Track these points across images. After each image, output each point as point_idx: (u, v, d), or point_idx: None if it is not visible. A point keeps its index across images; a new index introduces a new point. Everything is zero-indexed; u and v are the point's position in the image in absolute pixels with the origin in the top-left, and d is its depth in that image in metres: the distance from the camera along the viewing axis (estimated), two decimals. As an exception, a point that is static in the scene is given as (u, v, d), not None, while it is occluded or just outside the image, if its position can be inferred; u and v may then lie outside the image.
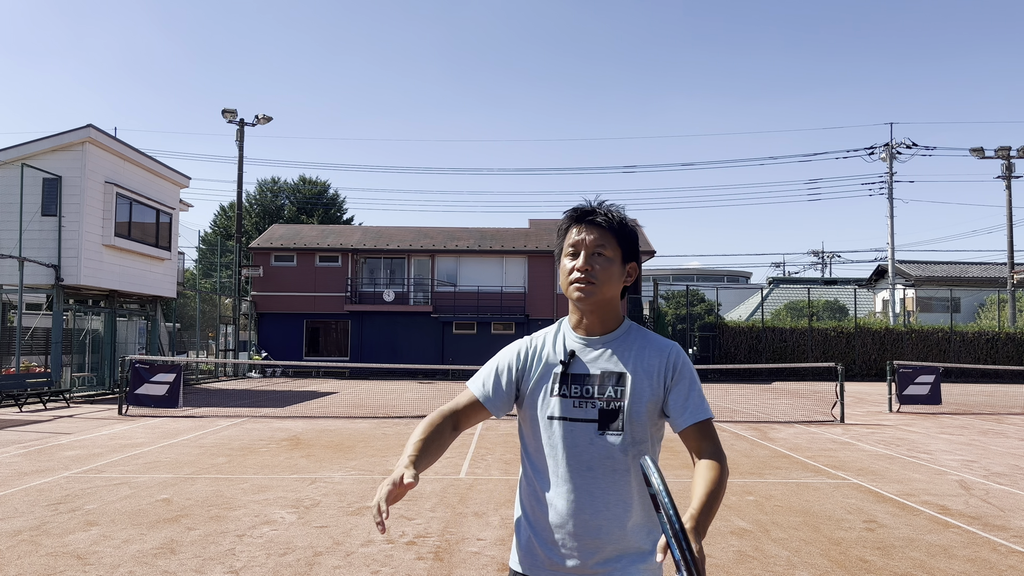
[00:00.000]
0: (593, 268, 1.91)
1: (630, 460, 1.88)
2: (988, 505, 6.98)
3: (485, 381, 2.02)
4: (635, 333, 2.00)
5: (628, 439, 1.88)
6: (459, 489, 7.52)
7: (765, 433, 12.35)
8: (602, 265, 1.92)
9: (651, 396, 1.91)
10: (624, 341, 1.97)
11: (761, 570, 4.95)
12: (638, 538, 1.90)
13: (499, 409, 2.00)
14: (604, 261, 1.93)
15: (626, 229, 1.98)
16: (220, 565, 4.93)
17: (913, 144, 36.57)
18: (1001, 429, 13.34)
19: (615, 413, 1.88)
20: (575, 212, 1.99)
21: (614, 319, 1.99)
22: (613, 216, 1.97)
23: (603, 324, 1.97)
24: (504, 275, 32.71)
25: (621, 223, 1.97)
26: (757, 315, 34.91)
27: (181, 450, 9.93)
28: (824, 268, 64.71)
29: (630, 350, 1.95)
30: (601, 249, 1.93)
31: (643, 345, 1.97)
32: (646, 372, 1.92)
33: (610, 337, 1.97)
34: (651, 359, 1.94)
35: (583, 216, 1.97)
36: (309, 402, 17.83)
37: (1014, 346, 31.82)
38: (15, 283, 17.47)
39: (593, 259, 1.92)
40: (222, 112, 30.89)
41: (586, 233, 1.94)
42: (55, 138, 18.19)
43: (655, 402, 1.92)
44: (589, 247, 1.93)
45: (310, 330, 32.84)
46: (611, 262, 1.94)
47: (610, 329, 1.98)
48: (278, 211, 53.06)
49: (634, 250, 2.00)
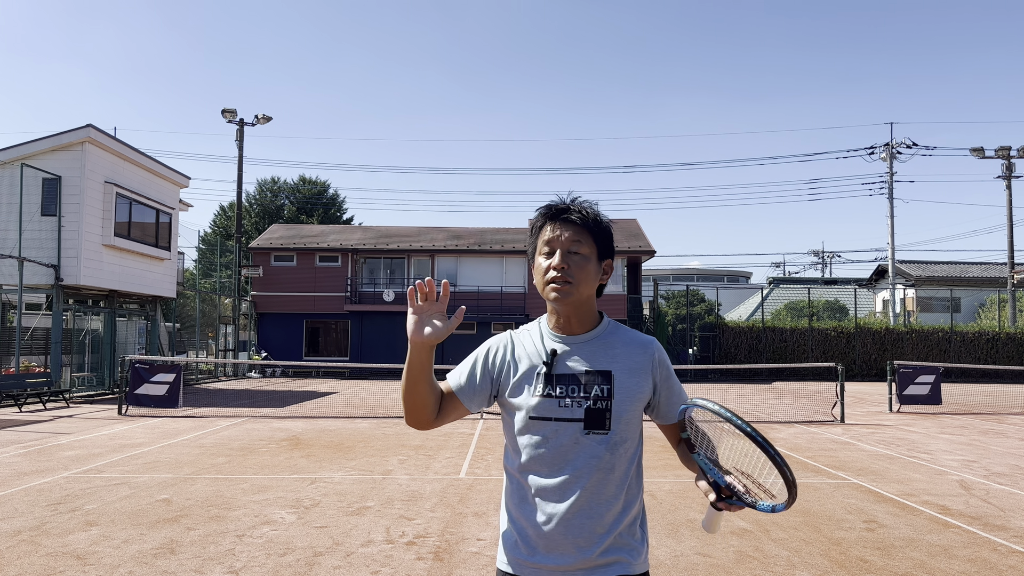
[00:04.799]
0: (569, 267, 1.89)
1: (616, 459, 1.88)
2: (988, 505, 6.98)
3: (461, 374, 1.99)
4: (614, 330, 1.99)
5: (614, 438, 1.87)
6: (459, 489, 7.52)
7: (765, 433, 12.34)
8: (578, 263, 1.90)
9: (639, 393, 1.91)
10: (606, 339, 1.96)
11: (761, 570, 4.94)
12: (625, 536, 1.90)
13: (473, 402, 1.97)
14: (580, 259, 1.91)
15: (601, 226, 1.95)
16: (220, 565, 4.92)
17: (913, 144, 36.59)
18: (1001, 429, 13.34)
19: (602, 412, 1.87)
20: (548, 209, 1.96)
21: (592, 317, 1.97)
22: (587, 213, 1.94)
23: (581, 323, 1.95)
24: (504, 275, 32.71)
25: (596, 220, 1.95)
26: (757, 315, 34.91)
27: (181, 450, 9.93)
28: (824, 268, 64.76)
29: (613, 348, 1.94)
30: (576, 247, 1.91)
31: (626, 343, 1.96)
32: (631, 370, 1.92)
33: (591, 335, 1.95)
34: (636, 356, 1.94)
35: (557, 213, 1.94)
36: (309, 402, 17.82)
37: (1014, 346, 31.81)
38: (15, 283, 17.47)
39: (568, 257, 1.90)
40: (222, 112, 30.89)
41: (561, 231, 1.92)
42: (55, 138, 18.19)
43: (642, 399, 1.92)
44: (564, 245, 1.90)
45: (310, 330, 32.84)
46: (587, 260, 1.91)
47: (589, 328, 1.96)
48: (278, 211, 53.06)
49: (609, 247, 1.98)
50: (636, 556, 1.90)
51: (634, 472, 1.94)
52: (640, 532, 1.95)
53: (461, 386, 1.97)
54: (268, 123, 31.63)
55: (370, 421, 13.69)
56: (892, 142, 36.70)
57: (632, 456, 1.92)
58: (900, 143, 36.68)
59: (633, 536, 1.92)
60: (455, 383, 1.98)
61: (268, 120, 31.55)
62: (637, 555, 1.91)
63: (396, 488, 7.55)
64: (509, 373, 1.96)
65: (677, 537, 5.73)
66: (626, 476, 1.90)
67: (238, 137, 31.26)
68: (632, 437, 1.91)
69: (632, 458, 1.92)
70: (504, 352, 1.99)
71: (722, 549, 5.42)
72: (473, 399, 1.97)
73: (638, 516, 1.95)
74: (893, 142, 36.70)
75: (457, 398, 1.97)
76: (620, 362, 1.92)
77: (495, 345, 2.01)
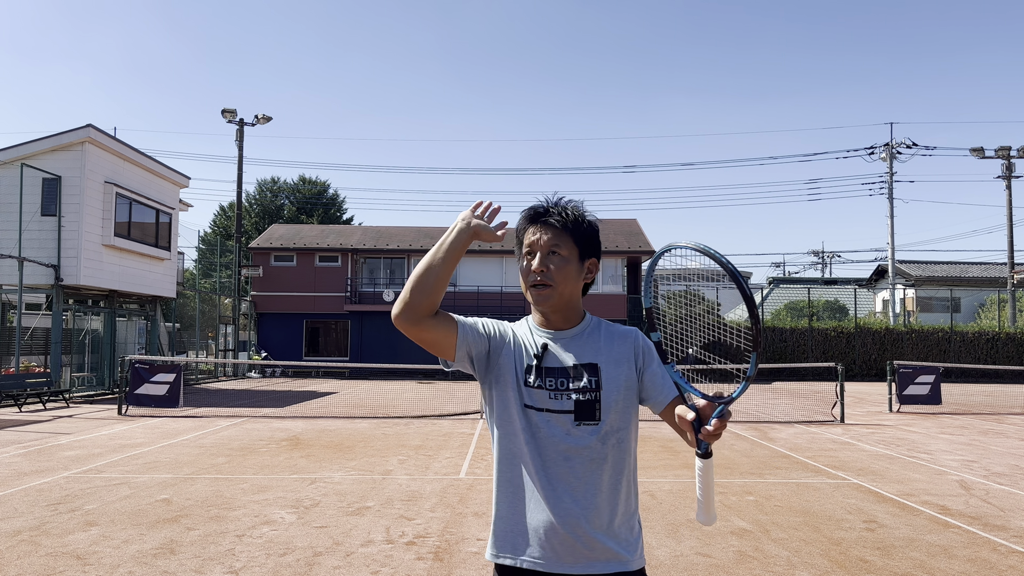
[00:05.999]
0: (548, 269, 1.92)
1: (608, 449, 1.90)
2: (988, 505, 6.98)
3: (467, 317, 2.01)
4: (597, 326, 2.03)
5: (604, 428, 1.90)
6: (459, 489, 7.52)
7: (765, 433, 12.35)
8: (557, 265, 1.93)
9: (625, 382, 1.94)
10: (591, 334, 2.00)
11: (761, 570, 4.94)
12: (620, 529, 1.90)
13: (464, 343, 1.94)
14: (560, 260, 1.94)
15: (581, 227, 1.98)
16: (220, 565, 4.93)
17: (913, 144, 36.60)
18: (1001, 429, 13.34)
19: (591, 404, 1.90)
20: (530, 212, 2.00)
21: (576, 315, 2.01)
22: (567, 215, 1.97)
23: (567, 320, 2.00)
24: (504, 275, 32.73)
25: (575, 221, 1.97)
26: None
27: (181, 450, 9.93)
28: (824, 268, 64.72)
29: (598, 341, 1.98)
30: (556, 248, 1.94)
31: (609, 335, 2.00)
32: (616, 360, 1.95)
33: (577, 330, 2.00)
34: (619, 347, 1.98)
35: (537, 216, 1.98)
36: (309, 402, 17.82)
37: (1014, 346, 31.81)
38: (15, 283, 17.47)
39: (548, 259, 1.93)
40: (222, 112, 30.90)
41: (541, 233, 1.96)
42: (55, 138, 18.19)
43: (630, 387, 1.95)
44: (544, 247, 1.94)
45: (310, 330, 32.84)
46: (567, 261, 1.95)
47: (574, 324, 2.00)
48: (278, 211, 53.08)
49: (592, 246, 2.00)
50: (632, 551, 1.91)
51: (628, 465, 1.94)
52: (636, 526, 1.95)
53: (464, 322, 1.98)
54: (268, 123, 31.65)
55: (370, 421, 13.69)
56: (892, 142, 36.72)
57: (624, 447, 1.93)
58: (900, 143, 36.69)
59: (629, 530, 1.92)
60: (459, 317, 1.99)
61: (268, 120, 31.56)
62: (633, 550, 1.91)
63: (396, 488, 7.55)
64: (509, 350, 1.98)
65: (677, 537, 5.73)
66: (619, 467, 1.91)
67: (238, 137, 31.27)
68: (623, 428, 1.93)
69: (625, 449, 1.93)
70: (507, 329, 2.04)
71: (722, 549, 5.42)
72: (466, 341, 1.95)
73: (633, 508, 1.95)
74: (893, 142, 36.72)
75: (455, 325, 1.94)
76: (605, 354, 1.96)
77: (504, 324, 2.06)
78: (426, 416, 14.54)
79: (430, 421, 13.75)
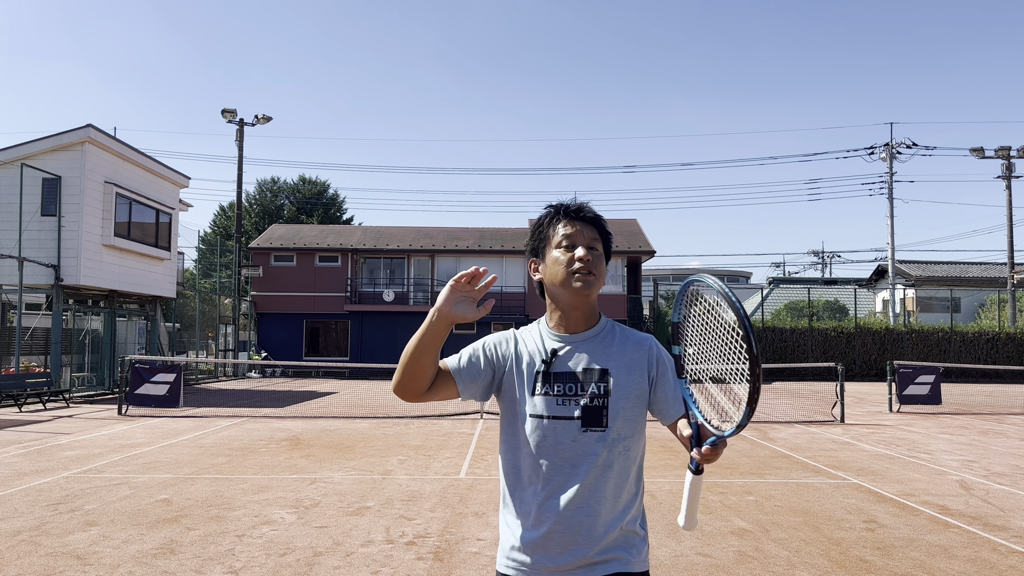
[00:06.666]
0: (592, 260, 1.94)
1: (614, 457, 1.88)
2: (988, 505, 6.98)
3: (462, 358, 1.99)
4: (612, 329, 2.02)
5: (612, 435, 1.88)
6: (459, 489, 7.52)
7: (765, 433, 12.35)
8: (595, 259, 1.95)
9: (636, 390, 1.93)
10: (604, 338, 1.98)
11: (761, 570, 4.94)
12: (625, 534, 1.90)
13: (467, 388, 1.96)
14: (597, 256, 1.96)
15: (606, 229, 2.03)
16: (220, 565, 4.92)
17: (913, 144, 36.59)
18: (1001, 429, 13.34)
19: (599, 410, 1.89)
20: (564, 207, 2.01)
21: (594, 315, 2.01)
22: (597, 216, 2.02)
23: (586, 321, 1.98)
24: (504, 275, 32.71)
25: (603, 224, 2.03)
26: (757, 315, 34.85)
27: (181, 450, 9.93)
28: (824, 268, 64.71)
29: (610, 346, 1.97)
30: (595, 244, 1.97)
31: (623, 341, 1.99)
32: (628, 367, 1.94)
33: (589, 334, 1.98)
34: (632, 354, 1.96)
35: (576, 212, 2.00)
36: (309, 402, 17.82)
37: (1014, 346, 31.80)
38: (15, 283, 17.47)
39: (591, 252, 1.95)
40: (222, 112, 30.89)
41: (581, 227, 1.97)
42: (55, 138, 18.19)
43: (640, 396, 1.93)
44: (586, 241, 1.95)
45: (310, 330, 32.84)
46: (601, 258, 1.98)
47: (590, 326, 1.99)
48: (278, 211, 53.07)
49: (610, 249, 2.06)
50: (636, 554, 1.91)
51: (634, 471, 1.94)
52: (641, 531, 1.95)
53: (460, 368, 1.97)
54: (268, 123, 31.64)
55: (370, 421, 13.69)
56: (892, 142, 36.70)
57: (632, 455, 1.92)
58: (900, 143, 36.68)
59: (634, 535, 1.92)
60: (453, 364, 1.98)
61: (268, 120, 31.55)
62: (637, 553, 1.91)
63: (396, 488, 7.55)
64: (512, 368, 1.97)
65: (677, 537, 5.73)
66: (625, 474, 1.91)
67: (238, 137, 31.26)
68: (631, 435, 1.92)
69: (632, 457, 1.92)
70: (509, 346, 2.01)
71: (722, 549, 5.42)
72: (469, 385, 1.96)
73: (638, 515, 1.95)
74: (893, 142, 36.71)
75: (452, 378, 1.96)
76: (617, 360, 1.94)
77: (501, 338, 2.03)
78: (426, 416, 14.54)
79: (430, 421, 13.75)
